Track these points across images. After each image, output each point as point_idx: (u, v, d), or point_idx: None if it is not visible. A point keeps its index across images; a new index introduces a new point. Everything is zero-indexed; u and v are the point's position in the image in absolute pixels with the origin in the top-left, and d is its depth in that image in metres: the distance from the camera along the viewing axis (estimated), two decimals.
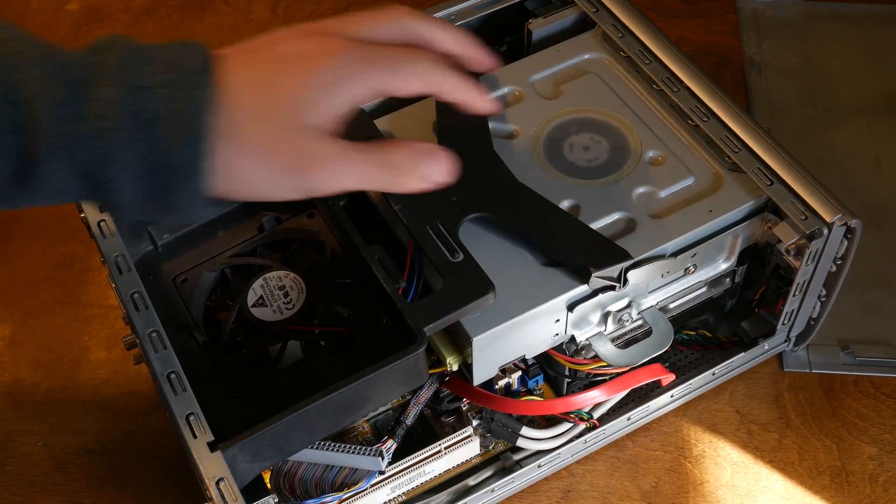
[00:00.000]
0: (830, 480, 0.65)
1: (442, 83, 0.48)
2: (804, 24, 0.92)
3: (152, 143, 0.42)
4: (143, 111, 0.42)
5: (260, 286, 0.59)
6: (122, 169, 0.43)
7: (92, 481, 0.67)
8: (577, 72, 0.68)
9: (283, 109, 0.44)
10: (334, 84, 0.45)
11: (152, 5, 0.98)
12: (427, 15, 0.51)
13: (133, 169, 0.43)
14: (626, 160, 0.62)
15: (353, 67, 0.45)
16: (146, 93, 0.42)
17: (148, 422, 0.70)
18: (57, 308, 0.76)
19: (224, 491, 0.49)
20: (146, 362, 0.54)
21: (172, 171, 0.43)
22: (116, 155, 0.42)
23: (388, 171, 0.47)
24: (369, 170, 0.47)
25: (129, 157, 0.42)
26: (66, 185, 0.43)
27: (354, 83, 0.45)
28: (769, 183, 0.59)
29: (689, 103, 0.64)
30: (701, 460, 0.66)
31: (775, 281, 0.65)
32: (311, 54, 0.45)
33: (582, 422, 0.63)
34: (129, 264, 0.57)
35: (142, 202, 0.44)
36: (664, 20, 0.93)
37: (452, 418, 0.64)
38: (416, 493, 0.63)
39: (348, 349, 0.57)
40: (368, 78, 0.45)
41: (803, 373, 0.70)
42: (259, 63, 0.45)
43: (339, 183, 0.46)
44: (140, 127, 0.42)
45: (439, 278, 0.54)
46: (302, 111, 0.44)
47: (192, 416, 0.51)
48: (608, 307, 0.59)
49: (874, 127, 0.84)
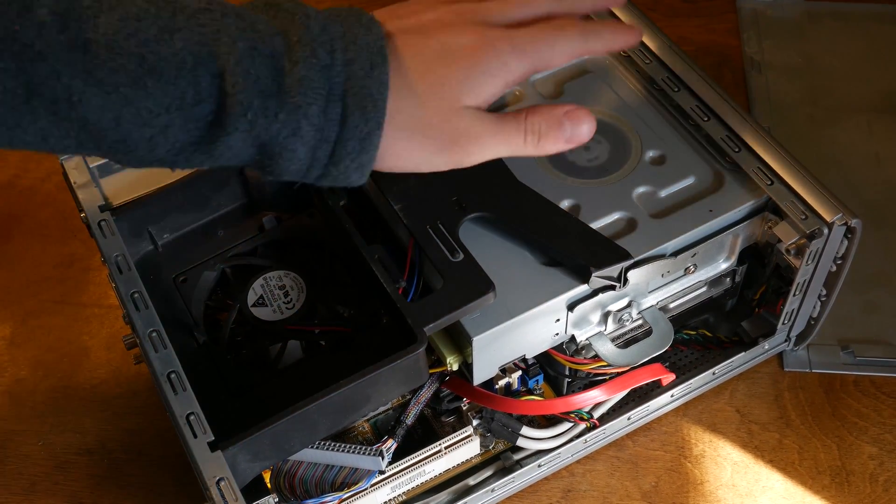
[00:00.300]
0: (831, 480, 0.65)
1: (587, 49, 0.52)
2: (804, 24, 0.92)
3: (334, 118, 0.45)
4: (331, 88, 0.45)
5: (260, 286, 0.59)
6: (300, 140, 0.45)
7: (92, 481, 0.67)
8: (577, 71, 0.68)
9: (445, 96, 0.48)
10: (493, 75, 0.49)
11: None
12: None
13: (311, 140, 0.45)
14: (627, 160, 0.62)
15: (509, 58, 0.49)
16: (334, 71, 0.45)
17: (148, 422, 0.70)
18: (57, 308, 0.76)
19: (224, 491, 0.49)
20: (146, 362, 0.54)
21: (347, 144, 0.46)
22: (300, 128, 0.45)
23: (533, 139, 0.50)
24: (516, 139, 0.50)
25: (309, 129, 0.45)
26: (240, 152, 0.45)
27: (510, 72, 0.49)
28: (769, 182, 0.59)
29: (690, 103, 0.64)
30: (701, 460, 0.66)
31: (775, 280, 0.65)
32: (472, 49, 0.48)
33: (582, 421, 0.63)
34: (130, 264, 0.57)
35: (305, 171, 0.46)
36: (664, 20, 0.93)
37: (452, 418, 0.64)
38: (417, 493, 0.63)
39: (348, 349, 0.57)
40: (522, 65, 0.49)
41: (803, 372, 0.70)
42: (425, 51, 0.48)
43: (489, 154, 0.50)
44: (324, 103, 0.45)
45: (439, 278, 0.54)
46: (461, 97, 0.48)
47: (193, 415, 0.51)
48: (608, 307, 0.59)
49: (874, 126, 0.84)
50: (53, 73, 0.41)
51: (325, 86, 0.44)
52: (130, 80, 0.42)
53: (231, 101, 0.43)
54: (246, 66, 0.43)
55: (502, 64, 0.49)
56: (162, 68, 0.42)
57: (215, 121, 0.44)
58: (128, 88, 0.42)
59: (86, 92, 0.42)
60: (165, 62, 0.42)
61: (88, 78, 0.41)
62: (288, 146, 0.45)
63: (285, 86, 0.44)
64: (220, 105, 0.44)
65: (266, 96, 0.44)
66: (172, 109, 0.43)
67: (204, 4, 0.44)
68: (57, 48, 0.41)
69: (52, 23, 0.40)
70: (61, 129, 0.42)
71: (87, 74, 0.41)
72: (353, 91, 0.45)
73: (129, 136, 0.43)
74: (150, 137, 0.44)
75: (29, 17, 0.40)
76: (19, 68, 0.40)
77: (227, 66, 0.43)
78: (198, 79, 0.43)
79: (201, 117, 0.44)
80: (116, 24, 0.42)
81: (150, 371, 0.54)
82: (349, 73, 0.45)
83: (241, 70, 0.43)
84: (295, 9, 0.46)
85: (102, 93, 0.42)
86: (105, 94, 0.42)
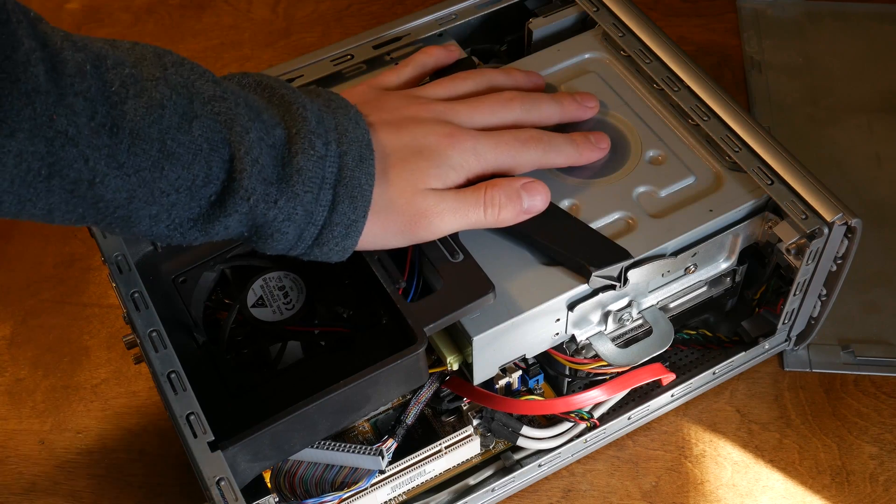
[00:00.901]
0: (831, 480, 0.65)
1: (546, 163, 0.58)
2: (804, 23, 0.92)
3: (324, 204, 0.48)
4: (324, 177, 0.48)
5: (260, 286, 0.59)
6: (293, 224, 0.48)
7: (92, 481, 0.67)
8: (577, 71, 0.67)
9: (412, 180, 0.52)
10: (454, 168, 0.54)
11: (152, 5, 0.98)
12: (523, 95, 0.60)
13: (301, 223, 0.48)
14: (627, 159, 0.62)
15: (470, 158, 0.54)
16: (328, 161, 0.48)
17: (148, 422, 0.70)
18: (57, 307, 0.76)
19: (224, 491, 0.49)
20: (146, 362, 0.54)
21: (334, 229, 0.49)
22: (295, 214, 0.48)
23: (493, 211, 0.54)
24: (476, 212, 0.54)
25: (302, 214, 0.48)
26: (233, 231, 0.48)
27: (470, 169, 0.54)
28: (769, 182, 0.59)
29: (690, 102, 0.64)
30: (701, 460, 0.66)
31: (776, 280, 0.65)
32: (440, 144, 0.54)
33: (582, 421, 0.63)
34: (130, 264, 0.57)
35: (289, 249, 0.50)
36: (664, 19, 0.93)
37: (453, 418, 0.64)
38: (417, 493, 0.63)
39: (348, 349, 0.57)
40: (480, 166, 0.55)
41: (804, 372, 0.70)
42: (401, 144, 0.53)
43: (450, 228, 0.54)
44: (318, 191, 0.48)
45: (439, 278, 0.54)
46: (427, 181, 0.53)
47: (193, 415, 0.51)
48: (608, 306, 0.59)
49: (874, 126, 0.84)
50: (81, 156, 0.42)
51: (320, 175, 0.48)
52: (150, 164, 0.44)
53: (236, 186, 0.46)
54: (255, 155, 0.46)
55: (464, 161, 0.54)
56: (179, 154, 0.44)
57: (217, 201, 0.46)
58: (146, 172, 0.44)
59: (108, 175, 0.43)
60: (184, 148, 0.45)
61: (111, 161, 0.43)
62: (281, 229, 0.48)
63: (285, 175, 0.47)
64: (227, 187, 0.46)
65: (268, 183, 0.47)
66: (182, 190, 0.45)
67: (219, 92, 0.46)
68: (87, 132, 0.42)
69: (85, 108, 0.42)
70: (70, 205, 0.44)
71: (111, 158, 0.43)
72: (344, 181, 0.49)
73: (137, 212, 0.45)
74: (155, 214, 0.46)
75: (64, 103, 0.41)
76: (50, 152, 0.41)
77: (238, 153, 0.46)
78: (210, 163, 0.45)
79: (205, 197, 0.46)
80: (142, 112, 0.43)
81: (151, 371, 0.54)
82: (342, 163, 0.49)
83: (249, 158, 0.46)
84: (292, 97, 0.49)
85: (123, 175, 0.44)
86: (125, 177, 0.44)
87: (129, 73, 0.44)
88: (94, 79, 0.42)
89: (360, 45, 0.69)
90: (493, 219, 0.54)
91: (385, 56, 0.69)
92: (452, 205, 0.53)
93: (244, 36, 0.95)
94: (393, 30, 0.70)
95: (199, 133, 0.45)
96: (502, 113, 0.58)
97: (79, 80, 0.42)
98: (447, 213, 0.53)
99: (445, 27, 0.70)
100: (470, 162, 0.54)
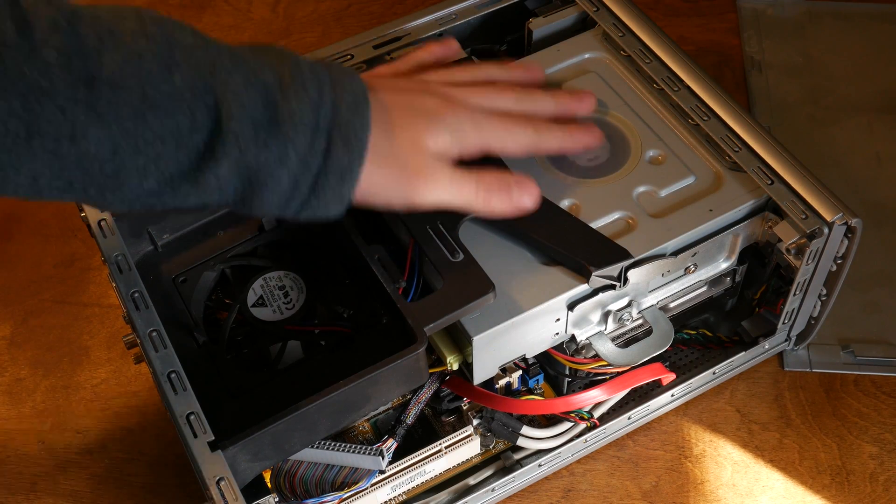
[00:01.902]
0: (831, 480, 0.65)
1: (539, 146, 0.57)
2: (805, 23, 0.92)
3: (318, 150, 0.47)
4: (318, 122, 0.47)
5: (260, 286, 0.59)
6: (286, 169, 0.47)
7: (92, 481, 0.67)
8: (577, 71, 0.67)
9: (412, 136, 0.52)
10: (451, 132, 0.53)
11: (152, 4, 0.98)
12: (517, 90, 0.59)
13: (295, 169, 0.47)
14: (627, 159, 0.62)
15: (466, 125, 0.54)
16: (323, 107, 0.47)
17: (148, 422, 0.70)
18: (57, 307, 0.76)
19: (224, 490, 0.49)
20: (146, 362, 0.54)
21: (329, 175, 0.48)
22: (287, 157, 0.47)
23: (485, 194, 0.54)
24: (469, 190, 0.53)
25: (295, 159, 0.47)
26: (225, 183, 0.47)
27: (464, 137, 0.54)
28: (769, 182, 0.59)
29: (690, 102, 0.64)
30: (701, 459, 0.66)
31: (776, 280, 0.65)
32: (437, 108, 0.54)
33: (582, 421, 0.63)
34: (130, 264, 0.57)
35: (286, 201, 0.48)
36: (664, 19, 0.93)
37: (453, 417, 0.64)
38: (417, 493, 0.63)
39: (348, 349, 0.57)
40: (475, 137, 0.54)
41: (804, 372, 0.70)
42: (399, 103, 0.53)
43: (437, 197, 0.52)
44: (311, 135, 0.47)
45: (439, 278, 0.54)
46: (426, 140, 0.52)
47: (193, 415, 0.51)
48: (608, 306, 0.59)
49: (874, 125, 0.84)
50: (58, 109, 0.42)
51: (314, 119, 0.47)
52: (132, 114, 0.43)
53: (225, 130, 0.45)
54: (241, 98, 0.45)
55: (459, 127, 0.53)
56: (161, 103, 0.44)
57: (206, 149, 0.45)
58: (128, 122, 0.44)
59: (88, 126, 0.43)
60: (165, 96, 0.44)
61: (90, 112, 0.43)
62: (274, 174, 0.47)
63: (277, 117, 0.46)
64: (214, 134, 0.45)
65: (258, 126, 0.46)
66: (167, 139, 0.44)
67: (199, 41, 0.46)
68: (62, 86, 0.42)
69: (59, 61, 0.42)
70: (55, 169, 0.43)
71: (89, 109, 0.43)
72: (338, 127, 0.48)
73: (123, 166, 0.44)
74: (142, 166, 0.45)
75: (36, 57, 0.41)
76: (25, 108, 0.41)
77: (223, 98, 0.45)
78: (194, 111, 0.45)
79: (193, 146, 0.45)
80: (120, 62, 0.43)
81: (151, 371, 0.54)
82: (336, 110, 0.48)
83: (236, 101, 0.45)
84: (285, 52, 0.49)
85: (103, 125, 0.43)
86: (106, 127, 0.43)
87: (106, 28, 0.43)
88: (68, 34, 0.42)
89: (360, 45, 0.69)
90: (483, 203, 0.54)
91: (385, 56, 0.69)
92: (449, 174, 0.53)
93: (244, 36, 0.95)
94: (393, 30, 0.70)
95: (181, 81, 0.44)
96: (497, 100, 0.57)
97: (52, 35, 0.41)
98: (443, 180, 0.52)
99: (445, 27, 0.70)
100: (466, 129, 0.54)
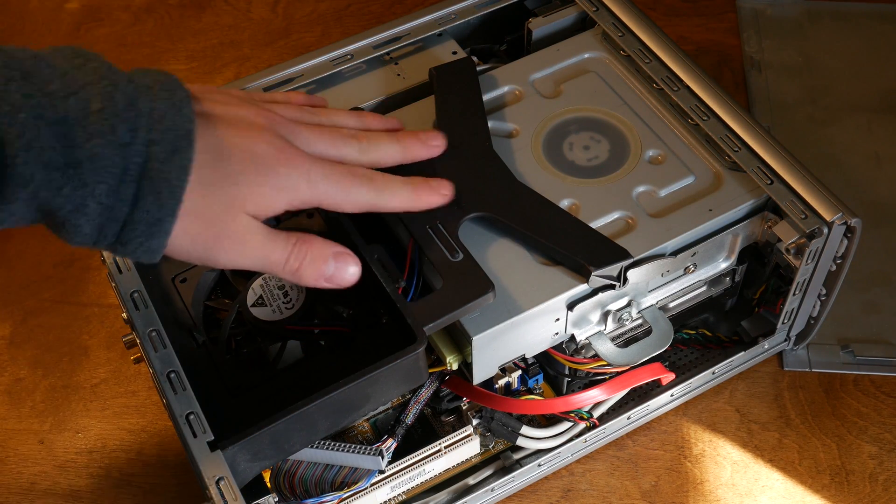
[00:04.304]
0: (830, 479, 0.65)
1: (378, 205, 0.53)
2: (804, 23, 0.92)
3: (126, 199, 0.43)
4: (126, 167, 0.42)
5: (260, 286, 0.59)
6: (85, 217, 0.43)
7: (91, 481, 0.67)
8: (577, 71, 0.68)
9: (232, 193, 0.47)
10: (281, 190, 0.48)
11: (152, 4, 0.98)
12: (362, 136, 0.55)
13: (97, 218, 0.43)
14: (626, 159, 0.62)
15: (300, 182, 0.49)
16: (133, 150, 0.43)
17: (147, 422, 0.70)
18: (57, 307, 0.76)
19: (224, 490, 0.49)
20: (146, 361, 0.54)
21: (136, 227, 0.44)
22: (86, 206, 0.42)
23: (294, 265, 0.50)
24: (278, 259, 0.49)
25: (96, 207, 0.43)
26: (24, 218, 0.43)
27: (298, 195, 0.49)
28: (769, 182, 0.59)
29: (689, 102, 0.64)
30: (701, 459, 0.66)
31: (775, 280, 0.65)
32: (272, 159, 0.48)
33: (582, 421, 0.63)
34: (130, 263, 0.57)
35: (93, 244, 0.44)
36: (664, 19, 0.93)
37: (452, 417, 0.64)
38: (416, 493, 0.63)
39: (348, 349, 0.57)
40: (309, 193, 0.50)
41: (803, 372, 0.70)
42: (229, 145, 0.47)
43: (241, 262, 0.49)
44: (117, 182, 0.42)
45: (439, 278, 0.54)
46: (243, 201, 0.47)
47: (192, 415, 0.51)
48: (608, 306, 0.59)
49: (874, 125, 0.84)
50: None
51: (120, 164, 0.42)
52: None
53: (11, 172, 0.41)
54: (27, 138, 0.41)
55: (291, 183, 0.49)
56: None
57: None
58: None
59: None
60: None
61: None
62: (71, 220, 0.43)
63: (74, 159, 0.42)
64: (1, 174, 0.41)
65: (51, 168, 0.41)
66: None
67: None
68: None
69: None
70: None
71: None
72: (150, 174, 0.43)
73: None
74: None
75: None
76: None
77: (7, 137, 0.41)
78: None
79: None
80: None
81: (150, 370, 0.54)
82: (150, 154, 0.43)
83: (21, 142, 0.41)
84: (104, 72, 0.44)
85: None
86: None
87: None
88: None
89: (359, 45, 0.69)
90: (290, 273, 0.50)
91: (385, 56, 0.69)
92: (261, 240, 0.48)
93: (244, 35, 0.95)
94: (393, 30, 0.70)
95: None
96: (342, 147, 0.53)
97: None
98: (253, 244, 0.48)
99: (445, 27, 0.70)
100: (300, 186, 0.49)
